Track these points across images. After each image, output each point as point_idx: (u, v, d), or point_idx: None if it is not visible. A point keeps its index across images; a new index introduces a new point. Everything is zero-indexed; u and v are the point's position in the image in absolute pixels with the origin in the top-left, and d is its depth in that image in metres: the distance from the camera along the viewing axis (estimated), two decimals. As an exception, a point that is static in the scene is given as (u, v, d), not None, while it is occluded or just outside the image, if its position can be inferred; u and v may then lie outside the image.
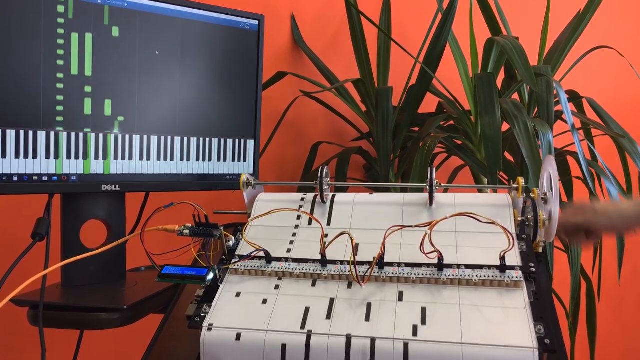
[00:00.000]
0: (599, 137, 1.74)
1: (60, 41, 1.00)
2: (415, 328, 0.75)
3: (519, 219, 0.93)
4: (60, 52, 1.01)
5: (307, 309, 0.80)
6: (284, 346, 0.76)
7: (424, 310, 0.77)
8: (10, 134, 0.97)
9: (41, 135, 1.00)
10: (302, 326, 0.77)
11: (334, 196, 1.02)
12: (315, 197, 1.01)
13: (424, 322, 0.75)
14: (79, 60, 1.03)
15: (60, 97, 1.01)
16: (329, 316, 0.78)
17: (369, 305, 0.79)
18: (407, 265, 0.83)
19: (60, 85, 1.01)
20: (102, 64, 1.05)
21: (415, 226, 0.87)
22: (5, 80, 0.96)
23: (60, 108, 1.02)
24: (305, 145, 1.87)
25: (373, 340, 0.74)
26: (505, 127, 1.39)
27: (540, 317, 0.74)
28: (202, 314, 0.81)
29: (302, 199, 1.02)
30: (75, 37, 1.02)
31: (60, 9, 1.00)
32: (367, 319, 0.77)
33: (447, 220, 0.85)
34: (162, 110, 1.13)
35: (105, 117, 1.07)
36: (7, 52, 0.95)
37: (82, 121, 1.04)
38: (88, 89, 1.04)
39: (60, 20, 1.00)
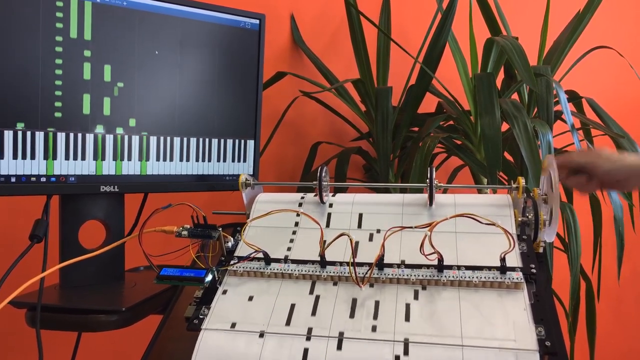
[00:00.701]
0: (598, 137, 1.74)
1: (59, 41, 1.00)
2: (415, 329, 0.74)
3: (519, 219, 0.92)
4: (59, 52, 1.00)
5: (305, 311, 0.79)
6: (282, 348, 0.75)
7: (423, 311, 0.77)
8: (8, 134, 0.97)
9: (39, 135, 1.00)
10: (301, 328, 0.77)
11: (333, 196, 1.01)
12: (314, 197, 1.01)
13: (423, 324, 0.75)
14: (78, 60, 1.02)
15: (58, 98, 1.01)
16: (327, 318, 0.78)
17: (368, 307, 0.79)
18: (407, 266, 0.83)
19: (58, 85, 1.01)
20: (100, 64, 1.05)
21: (415, 227, 0.87)
22: (4, 80, 0.96)
23: (58, 109, 1.01)
24: (305, 145, 1.87)
25: (373, 343, 0.73)
26: (504, 127, 1.39)
27: (541, 319, 0.73)
28: (201, 316, 0.81)
29: (301, 200, 1.02)
30: (74, 37, 1.02)
31: (59, 8, 1.00)
32: (367, 320, 0.77)
33: (447, 221, 0.85)
34: (161, 110, 1.12)
35: (104, 118, 1.06)
36: (5, 52, 0.95)
37: (80, 122, 1.04)
38: (87, 89, 1.04)
39: (59, 20, 1.00)
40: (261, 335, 0.77)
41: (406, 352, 0.72)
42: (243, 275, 0.87)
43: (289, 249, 0.91)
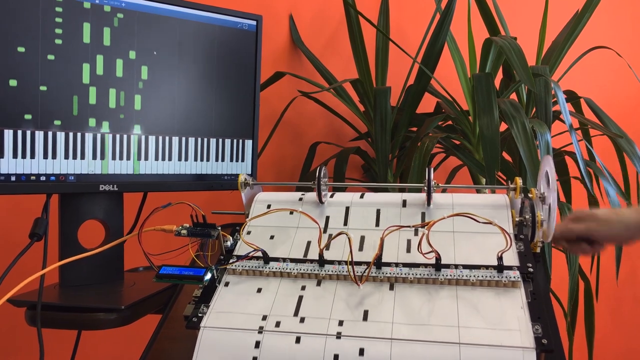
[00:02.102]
0: (596, 137, 1.74)
1: (58, 41, 1.00)
2: (412, 328, 0.75)
3: (517, 219, 0.93)
4: (58, 53, 1.00)
5: (304, 310, 0.80)
6: (281, 347, 0.75)
7: (421, 310, 0.77)
8: (8, 133, 0.97)
9: (39, 135, 1.00)
10: (300, 327, 0.77)
11: (332, 196, 1.02)
12: (313, 197, 1.01)
13: (421, 322, 0.75)
14: (77, 60, 1.03)
15: (57, 97, 1.01)
16: (326, 317, 0.78)
17: (366, 305, 0.79)
18: (405, 265, 0.83)
19: (58, 85, 1.01)
20: (99, 65, 1.05)
21: (413, 226, 0.87)
22: (3, 80, 0.96)
23: (57, 108, 1.01)
24: (304, 145, 1.87)
25: (371, 341, 0.74)
26: (503, 127, 1.39)
27: (538, 317, 0.74)
28: (200, 314, 0.81)
29: (300, 199, 1.02)
30: (73, 38, 1.02)
31: (58, 8, 1.00)
32: (365, 319, 0.77)
33: (444, 221, 0.85)
34: (160, 110, 1.13)
35: (103, 117, 1.06)
36: (4, 52, 0.95)
37: (80, 121, 1.04)
38: (86, 89, 1.04)
39: (58, 20, 1.00)
40: (259, 334, 0.77)
41: (403, 351, 0.72)
42: (242, 274, 0.88)
43: (287, 248, 0.91)
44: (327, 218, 0.97)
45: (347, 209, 0.98)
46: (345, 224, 0.96)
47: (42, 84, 0.99)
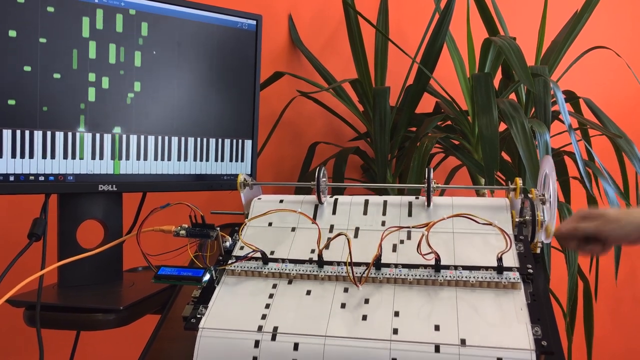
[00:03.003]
0: (596, 137, 1.74)
1: (57, 42, 1.00)
2: (412, 329, 0.74)
3: (517, 219, 0.92)
4: (57, 52, 1.00)
5: (303, 310, 0.80)
6: (279, 347, 0.75)
7: (420, 311, 0.77)
8: (7, 133, 0.97)
9: (37, 135, 1.00)
10: (299, 327, 0.77)
11: (331, 197, 1.02)
12: (312, 198, 1.01)
13: (420, 323, 0.75)
14: (76, 60, 1.03)
15: (56, 97, 1.01)
16: (325, 317, 0.78)
17: (365, 307, 0.79)
18: (404, 266, 0.83)
19: (56, 85, 1.01)
20: (98, 64, 1.05)
21: (413, 227, 0.87)
22: (2, 80, 0.96)
23: (56, 108, 1.01)
24: (303, 145, 1.87)
25: (370, 342, 0.74)
26: (502, 127, 1.39)
27: (538, 319, 0.74)
28: (198, 315, 0.81)
29: (300, 200, 1.02)
30: (72, 38, 1.02)
31: (57, 9, 1.00)
32: (364, 320, 0.77)
33: (444, 221, 0.85)
34: (159, 110, 1.13)
35: (102, 117, 1.06)
36: (2, 51, 0.95)
37: (79, 121, 1.04)
38: (84, 89, 1.04)
39: (57, 21, 1.00)
40: (258, 334, 0.77)
41: (403, 352, 0.72)
42: (241, 275, 0.88)
43: (286, 249, 0.91)
44: (327, 218, 0.97)
45: (347, 209, 0.98)
46: (345, 224, 0.96)
47: (41, 84, 0.99)
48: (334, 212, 0.98)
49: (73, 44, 1.02)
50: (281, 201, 1.02)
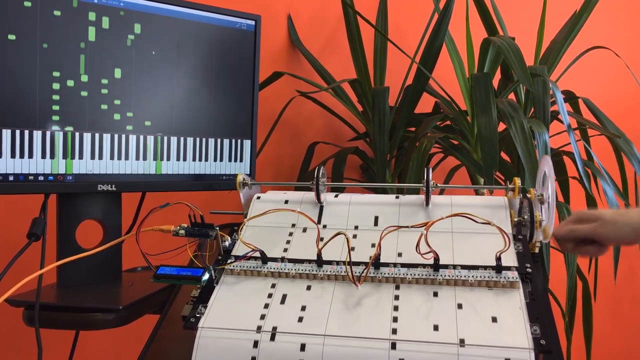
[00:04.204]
0: (595, 137, 1.74)
1: (56, 41, 1.00)
2: (411, 329, 0.74)
3: (515, 219, 0.93)
4: (56, 52, 1.00)
5: (302, 310, 0.80)
6: (279, 347, 0.75)
7: (419, 310, 0.77)
8: (6, 133, 0.97)
9: (37, 135, 1.00)
10: (298, 327, 0.77)
11: (329, 196, 1.02)
12: (311, 197, 1.01)
13: (419, 322, 0.75)
14: (75, 60, 1.03)
15: (56, 97, 1.01)
16: (324, 317, 0.78)
17: (364, 306, 0.79)
18: (403, 265, 0.83)
19: (56, 85, 1.01)
20: (98, 64, 1.05)
21: (412, 226, 0.87)
22: (1, 79, 0.96)
23: (56, 107, 1.01)
24: (302, 145, 1.87)
25: (369, 341, 0.74)
26: (501, 127, 1.39)
27: (536, 318, 0.74)
28: (198, 315, 0.81)
29: (299, 200, 1.02)
30: (71, 38, 1.02)
31: (56, 8, 1.00)
32: (363, 319, 0.77)
33: (443, 221, 0.85)
34: (158, 110, 1.13)
35: (101, 117, 1.06)
36: (2, 51, 0.95)
37: (78, 120, 1.04)
38: (84, 88, 1.04)
39: (56, 21, 1.00)
40: (257, 334, 0.77)
41: (402, 351, 0.72)
42: (240, 274, 0.88)
43: (285, 248, 0.91)
44: (326, 218, 0.97)
45: (345, 209, 0.98)
46: (344, 224, 0.96)
47: (40, 84, 0.99)
48: (333, 212, 0.98)
49: (72, 44, 1.02)
50: (286, 202, 1.02)
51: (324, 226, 0.96)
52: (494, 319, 0.74)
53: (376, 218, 0.96)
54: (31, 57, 0.98)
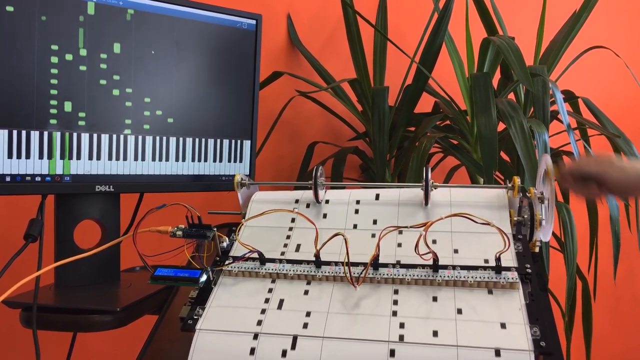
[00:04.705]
0: (594, 137, 1.74)
1: (55, 41, 1.00)
2: (410, 330, 0.74)
3: (515, 218, 0.92)
4: (54, 52, 1.00)
5: (300, 311, 0.79)
6: (276, 349, 0.75)
7: (418, 312, 0.77)
8: (3, 133, 0.96)
9: (34, 135, 0.99)
10: (296, 328, 0.77)
11: (329, 193, 1.01)
12: (309, 197, 1.00)
13: (419, 324, 0.75)
14: (73, 60, 1.02)
15: (53, 97, 1.01)
16: (322, 318, 0.78)
17: (363, 307, 0.79)
18: (402, 266, 0.83)
19: (54, 84, 1.00)
20: (97, 64, 1.05)
21: (410, 227, 0.87)
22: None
23: (53, 108, 1.01)
24: (302, 145, 1.86)
25: (368, 343, 0.73)
26: (501, 127, 1.39)
27: (536, 319, 0.73)
28: (195, 316, 0.80)
29: (297, 199, 1.02)
30: (70, 37, 1.01)
31: (55, 8, 0.99)
32: (362, 320, 0.77)
33: (442, 221, 0.85)
34: (157, 110, 1.12)
35: (99, 117, 1.06)
36: (1, 52, 0.95)
37: (76, 121, 1.03)
38: (82, 89, 1.03)
39: (56, 20, 0.99)
40: (255, 336, 0.77)
41: (401, 353, 0.72)
42: (238, 276, 0.87)
43: (284, 249, 0.91)
44: (324, 218, 0.97)
45: (344, 209, 0.98)
46: (342, 224, 0.95)
47: (38, 84, 0.99)
48: (331, 211, 0.98)
49: (72, 44, 1.02)
50: (284, 202, 1.01)
51: (322, 226, 0.95)
52: (494, 321, 0.74)
53: (375, 218, 0.95)
54: (28, 56, 0.98)
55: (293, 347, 0.75)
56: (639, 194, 0.92)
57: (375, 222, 0.94)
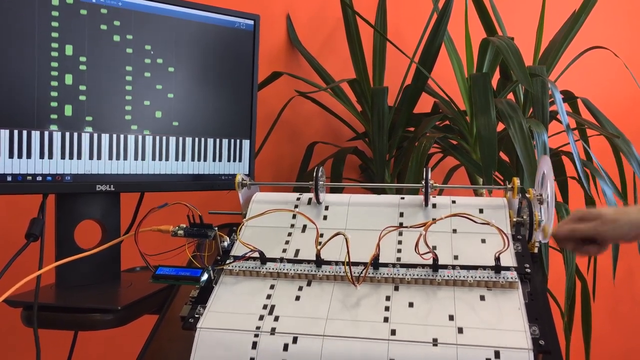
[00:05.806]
0: (593, 137, 1.74)
1: (55, 41, 1.00)
2: (410, 329, 0.74)
3: (515, 219, 0.93)
4: (54, 52, 1.00)
5: (301, 310, 0.80)
6: (277, 348, 0.75)
7: (418, 311, 0.77)
8: (4, 133, 0.97)
9: (35, 135, 1.00)
10: (296, 327, 0.77)
11: (329, 196, 1.02)
12: (310, 197, 1.01)
13: (418, 323, 0.75)
14: (73, 60, 1.02)
15: (54, 97, 1.01)
16: (323, 317, 0.78)
17: (363, 306, 0.79)
18: (402, 266, 0.83)
19: (54, 85, 1.01)
20: (96, 64, 1.05)
21: (410, 227, 0.87)
22: (0, 80, 0.96)
23: (53, 108, 1.01)
24: (301, 145, 1.87)
25: (368, 342, 0.74)
26: (500, 127, 1.39)
27: (535, 318, 0.74)
28: (196, 315, 0.81)
29: (298, 199, 1.02)
30: (69, 36, 1.02)
31: (56, 8, 1.00)
32: (362, 319, 0.77)
33: (442, 221, 0.85)
34: (157, 110, 1.12)
35: (99, 117, 1.06)
36: (0, 52, 0.95)
37: (76, 121, 1.04)
38: (82, 88, 1.04)
39: (54, 21, 1.00)
40: (256, 334, 0.77)
41: (400, 352, 0.72)
42: (239, 275, 0.88)
43: (284, 249, 0.91)
44: (325, 218, 0.97)
45: (344, 209, 0.98)
46: (343, 224, 0.96)
47: (38, 84, 0.99)
48: (332, 212, 0.98)
49: (72, 45, 1.02)
50: (285, 202, 1.01)
51: (323, 226, 0.96)
52: (493, 320, 0.74)
53: (375, 218, 0.96)
54: (29, 56, 0.98)
55: (294, 346, 0.75)
56: (636, 240, 0.92)
57: (375, 222, 0.95)
